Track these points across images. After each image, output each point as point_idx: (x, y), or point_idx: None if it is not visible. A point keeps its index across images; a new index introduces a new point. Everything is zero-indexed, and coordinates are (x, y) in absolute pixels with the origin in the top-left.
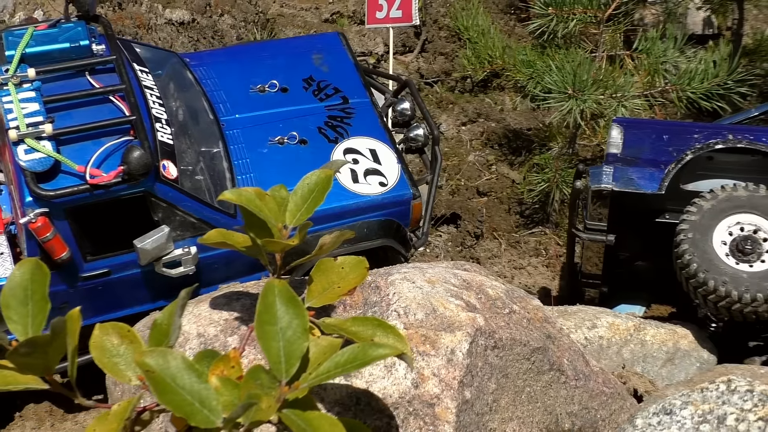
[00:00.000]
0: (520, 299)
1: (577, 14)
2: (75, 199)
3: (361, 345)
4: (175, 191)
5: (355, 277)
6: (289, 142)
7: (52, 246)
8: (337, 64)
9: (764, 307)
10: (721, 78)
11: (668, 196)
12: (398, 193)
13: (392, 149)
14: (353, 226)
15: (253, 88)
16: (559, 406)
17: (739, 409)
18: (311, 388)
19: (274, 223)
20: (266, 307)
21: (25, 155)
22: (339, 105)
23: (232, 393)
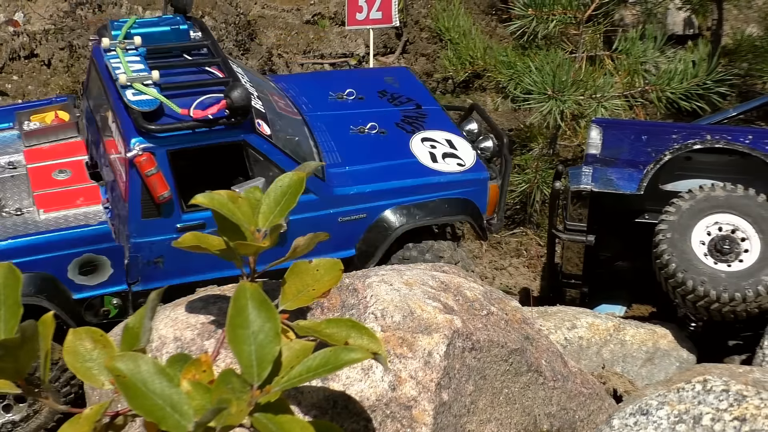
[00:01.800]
0: (498, 301)
1: (556, 15)
2: (178, 138)
3: (333, 349)
4: (270, 144)
5: (330, 279)
6: (369, 131)
7: (155, 182)
8: (408, 84)
9: (742, 307)
10: (700, 78)
11: (647, 197)
12: (475, 172)
13: (467, 141)
14: (433, 202)
15: (332, 95)
16: (538, 407)
17: (714, 408)
18: (287, 391)
19: (247, 226)
20: (238, 311)
21: (133, 97)
22: (413, 109)
23: (204, 397)
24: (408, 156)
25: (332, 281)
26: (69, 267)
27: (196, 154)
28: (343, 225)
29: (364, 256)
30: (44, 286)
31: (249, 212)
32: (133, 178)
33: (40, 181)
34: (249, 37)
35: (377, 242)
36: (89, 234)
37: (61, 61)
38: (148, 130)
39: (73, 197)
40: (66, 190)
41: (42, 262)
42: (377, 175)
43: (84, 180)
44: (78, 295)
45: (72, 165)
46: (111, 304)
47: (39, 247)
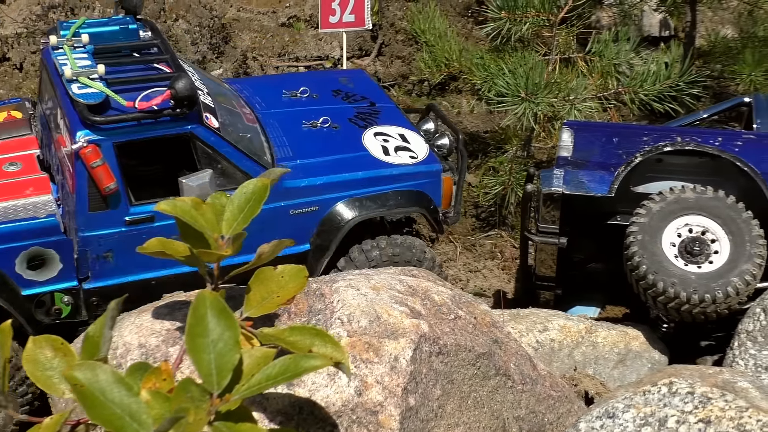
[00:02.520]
0: (466, 304)
1: (530, 17)
2: (123, 130)
3: (293, 356)
4: (217, 137)
5: (294, 285)
6: (322, 125)
7: (101, 173)
8: (363, 84)
9: (712, 308)
10: (672, 80)
11: (619, 199)
12: (428, 164)
13: (420, 135)
14: (386, 194)
15: (286, 93)
16: (506, 410)
17: (680, 411)
18: (252, 398)
19: (210, 234)
20: (197, 320)
21: (78, 90)
22: (367, 106)
23: (163, 406)
24: (360, 149)
25: (297, 288)
26: (17, 260)
27: (144, 147)
28: (296, 218)
29: (318, 250)
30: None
31: (213, 219)
32: (79, 171)
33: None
34: (223, 40)
35: (330, 236)
36: (37, 226)
37: (33, 65)
38: (93, 122)
39: (23, 187)
40: (15, 181)
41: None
42: (328, 168)
43: (34, 171)
44: (27, 291)
45: (22, 158)
46: (62, 302)
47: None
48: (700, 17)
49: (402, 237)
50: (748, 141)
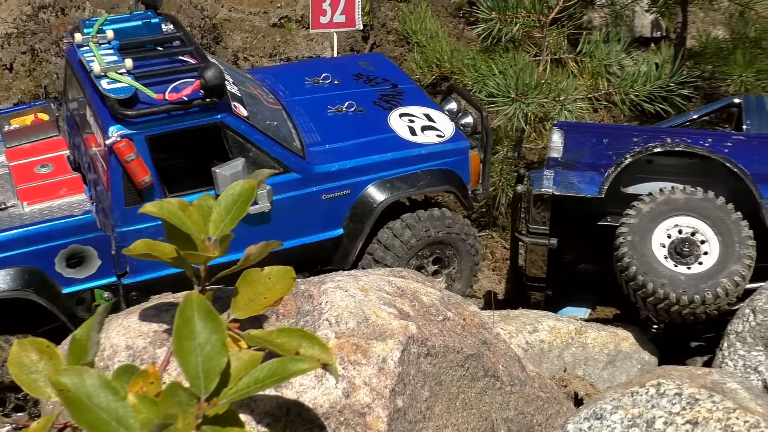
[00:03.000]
0: (456, 305)
1: (520, 18)
2: (155, 122)
3: (280, 360)
4: (247, 125)
5: (282, 287)
6: (347, 110)
7: (135, 167)
8: (383, 66)
9: (702, 309)
10: (663, 80)
11: (609, 200)
12: (455, 142)
13: (445, 114)
14: (416, 174)
15: (308, 80)
16: (495, 412)
17: (667, 412)
18: (239, 401)
19: (197, 235)
20: (184, 322)
21: (108, 86)
22: (389, 88)
23: (150, 410)
24: (387, 131)
25: (284, 289)
26: (56, 260)
27: (176, 139)
28: (328, 202)
29: (352, 234)
30: (31, 279)
31: (200, 221)
32: (114, 166)
33: (22, 177)
34: (214, 40)
35: (363, 218)
36: (74, 224)
37: (23, 65)
38: (124, 116)
39: (57, 188)
40: (49, 182)
41: (28, 256)
42: (357, 151)
43: (66, 172)
44: (68, 289)
45: (53, 159)
46: (102, 298)
47: (23, 240)
48: (692, 18)
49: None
50: (738, 142)
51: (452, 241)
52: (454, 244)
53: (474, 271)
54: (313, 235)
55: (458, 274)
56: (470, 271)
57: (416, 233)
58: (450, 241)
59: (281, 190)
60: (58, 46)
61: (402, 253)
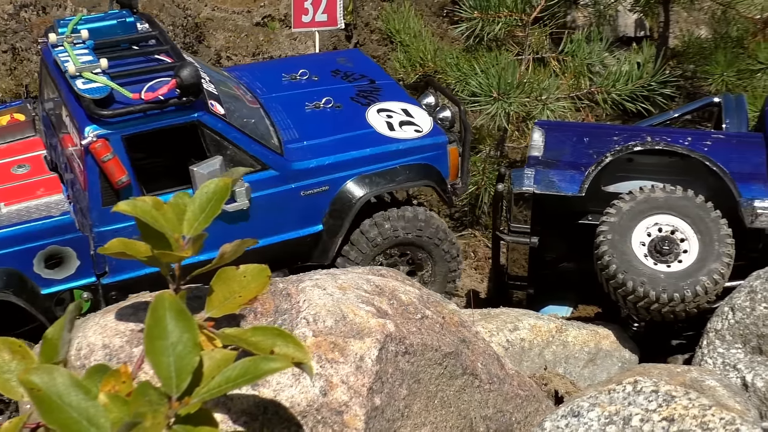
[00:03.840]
0: (434, 304)
1: (502, 17)
2: (131, 122)
3: (253, 359)
4: (224, 123)
5: (257, 285)
6: (325, 106)
7: (112, 167)
8: (361, 62)
9: (681, 307)
10: (645, 80)
11: (590, 198)
12: (433, 137)
13: (423, 109)
14: (394, 169)
15: (285, 77)
16: (473, 410)
17: (644, 409)
18: (215, 399)
19: (171, 234)
20: (156, 322)
21: (83, 86)
22: (367, 84)
23: (122, 410)
24: (365, 127)
25: (259, 288)
26: (34, 261)
27: (152, 139)
28: (307, 199)
29: (331, 230)
30: (10, 281)
31: (174, 219)
32: (90, 166)
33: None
34: (197, 39)
35: (342, 214)
36: (52, 225)
37: (4, 64)
38: (100, 116)
39: (34, 189)
40: (26, 183)
41: (6, 257)
42: (335, 147)
43: (44, 172)
44: (47, 290)
45: (30, 160)
46: (81, 298)
47: (1, 242)
48: (675, 18)
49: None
50: (717, 141)
51: (423, 244)
52: (426, 246)
53: (450, 277)
54: (292, 231)
55: (432, 278)
56: (444, 276)
57: (383, 232)
58: (421, 243)
59: (259, 187)
60: (38, 45)
61: (366, 250)
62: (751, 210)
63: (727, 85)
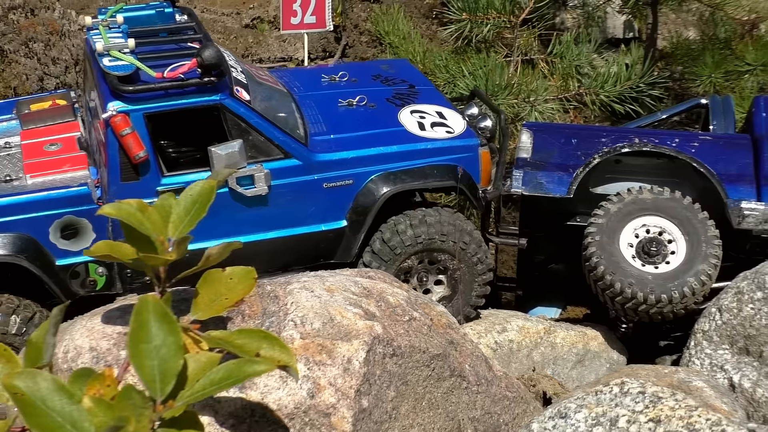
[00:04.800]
0: (423, 306)
1: (491, 19)
2: (152, 99)
3: (237, 361)
4: (247, 108)
5: (243, 287)
6: (358, 104)
7: (130, 141)
8: (405, 70)
9: (669, 308)
10: (633, 81)
11: (579, 200)
12: (465, 139)
13: (458, 113)
14: (422, 168)
15: (325, 77)
16: (461, 411)
17: (630, 410)
18: (202, 402)
19: (156, 236)
20: (140, 326)
21: (109, 63)
22: (406, 88)
23: (106, 413)
24: (395, 125)
25: (245, 290)
26: (50, 229)
27: (175, 119)
28: (330, 192)
29: (354, 225)
30: (25, 246)
31: (159, 221)
32: (110, 140)
33: (31, 153)
34: None
35: (366, 210)
36: (69, 195)
37: None
38: (123, 92)
39: (61, 164)
40: (54, 159)
41: (22, 223)
42: (362, 142)
43: (73, 150)
44: (61, 261)
45: (63, 140)
46: (96, 273)
47: (19, 207)
48: (664, 19)
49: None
50: (704, 142)
51: (449, 249)
52: (451, 251)
53: (480, 281)
54: (313, 225)
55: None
56: (472, 282)
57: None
58: (447, 248)
59: (281, 175)
60: (27, 47)
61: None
62: (738, 211)
63: (715, 86)
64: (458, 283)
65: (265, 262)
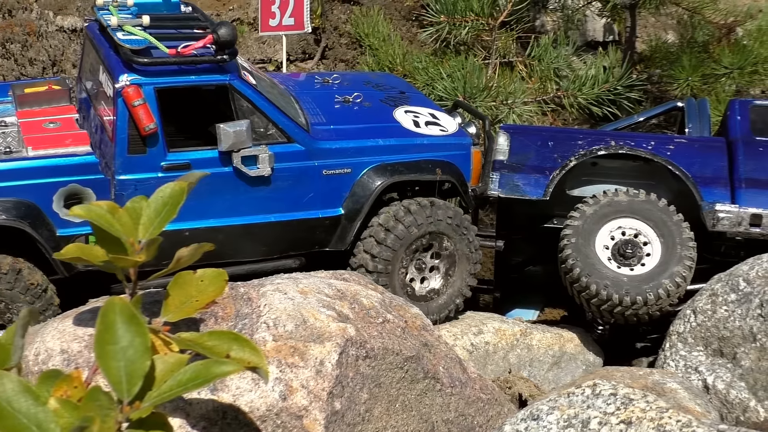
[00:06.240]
0: (397, 308)
1: (469, 22)
2: (165, 74)
3: (204, 362)
4: (254, 91)
5: (214, 289)
6: (354, 100)
7: (140, 113)
8: (393, 80)
9: (644, 310)
10: (611, 84)
11: (556, 202)
12: (458, 137)
13: (449, 115)
14: (417, 162)
15: (318, 79)
16: (435, 413)
17: (602, 412)
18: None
19: (126, 238)
20: (106, 327)
21: (123, 37)
22: (397, 93)
23: (72, 415)
24: (391, 122)
25: (216, 292)
26: (54, 197)
27: (184, 96)
28: (329, 179)
29: (350, 214)
30: (27, 213)
31: (129, 223)
32: (120, 111)
33: (31, 130)
34: None
35: (362, 199)
36: (76, 163)
37: None
38: (136, 63)
39: (62, 139)
40: (55, 135)
41: (26, 189)
42: (360, 134)
43: (73, 128)
44: (62, 231)
45: (62, 120)
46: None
47: (23, 172)
48: (644, 23)
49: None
50: (680, 145)
51: (448, 232)
52: (451, 235)
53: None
54: (311, 210)
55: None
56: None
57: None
58: (447, 231)
59: (283, 159)
60: (4, 47)
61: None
62: (712, 213)
63: (692, 89)
64: (455, 267)
65: (262, 245)
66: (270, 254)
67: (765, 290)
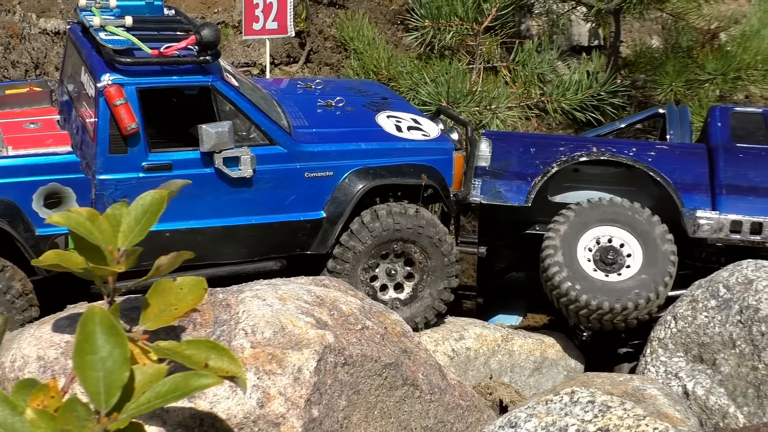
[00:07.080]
0: (377, 314)
1: (453, 26)
2: (147, 74)
3: (183, 374)
4: (237, 93)
5: (193, 298)
6: (336, 105)
7: (122, 113)
8: (375, 87)
9: (625, 316)
10: (594, 89)
11: (538, 209)
12: (440, 141)
13: (432, 121)
14: (399, 166)
15: (301, 84)
16: (414, 420)
17: (580, 420)
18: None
19: (106, 246)
20: (86, 337)
21: (106, 37)
22: (380, 98)
23: (49, 425)
24: (374, 126)
25: (195, 300)
26: (34, 197)
27: (166, 96)
28: (311, 182)
29: (332, 217)
30: (6, 211)
31: (109, 231)
32: (102, 111)
33: (11, 130)
34: None
35: (343, 202)
36: (56, 161)
37: None
38: (118, 63)
39: (43, 139)
40: (36, 135)
41: (6, 188)
42: (342, 137)
43: (54, 129)
44: (42, 231)
45: (43, 121)
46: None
47: (3, 170)
48: (628, 28)
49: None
50: (661, 151)
51: (423, 243)
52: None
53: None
54: (293, 213)
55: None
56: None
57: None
58: (421, 241)
59: (265, 161)
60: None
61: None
62: (693, 220)
63: (676, 95)
64: (428, 276)
65: (243, 247)
66: (251, 256)
67: (744, 297)
